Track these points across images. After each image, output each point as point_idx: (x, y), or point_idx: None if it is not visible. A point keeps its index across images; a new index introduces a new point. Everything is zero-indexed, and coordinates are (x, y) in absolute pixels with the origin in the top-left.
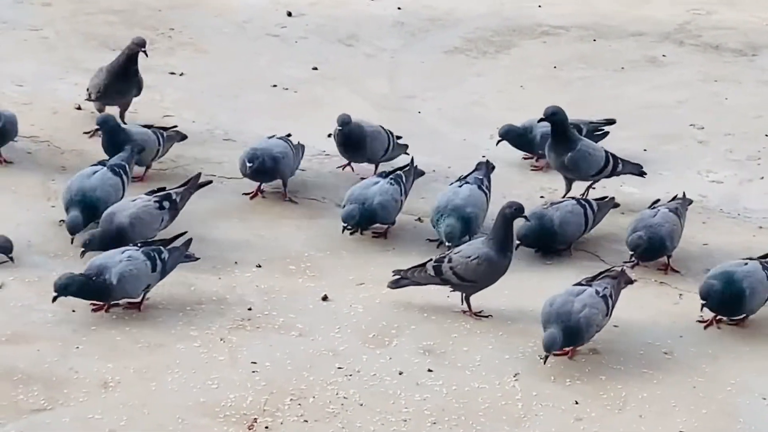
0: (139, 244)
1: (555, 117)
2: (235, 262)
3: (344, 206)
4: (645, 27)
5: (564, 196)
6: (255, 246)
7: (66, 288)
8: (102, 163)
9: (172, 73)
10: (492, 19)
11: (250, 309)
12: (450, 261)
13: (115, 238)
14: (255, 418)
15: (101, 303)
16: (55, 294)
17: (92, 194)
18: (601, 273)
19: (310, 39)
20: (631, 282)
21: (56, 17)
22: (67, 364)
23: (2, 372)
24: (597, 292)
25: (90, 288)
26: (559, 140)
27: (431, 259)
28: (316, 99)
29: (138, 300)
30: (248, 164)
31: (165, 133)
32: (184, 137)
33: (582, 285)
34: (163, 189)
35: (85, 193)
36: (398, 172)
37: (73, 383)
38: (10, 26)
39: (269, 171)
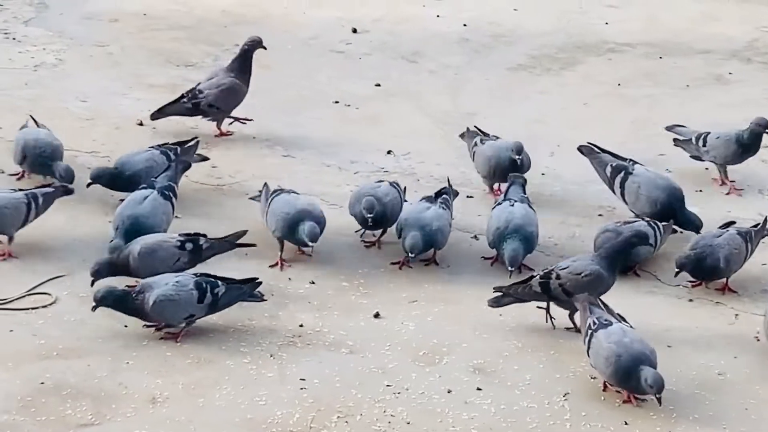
0: (198, 274)
1: None
2: (289, 278)
3: (401, 232)
4: (713, 44)
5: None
6: (309, 262)
7: (102, 300)
8: (151, 185)
9: None
10: (557, 36)
11: (301, 325)
12: (558, 278)
13: (122, 266)
14: None
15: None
16: (93, 305)
17: (145, 221)
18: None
19: (374, 55)
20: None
21: (123, 33)
22: (116, 379)
23: (52, 386)
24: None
25: (127, 305)
26: None
27: (532, 276)
28: (378, 116)
29: (177, 330)
30: (368, 215)
31: (179, 149)
32: (205, 158)
33: (604, 323)
34: (203, 236)
35: (138, 220)
36: (444, 195)
37: (121, 398)
38: (77, 42)
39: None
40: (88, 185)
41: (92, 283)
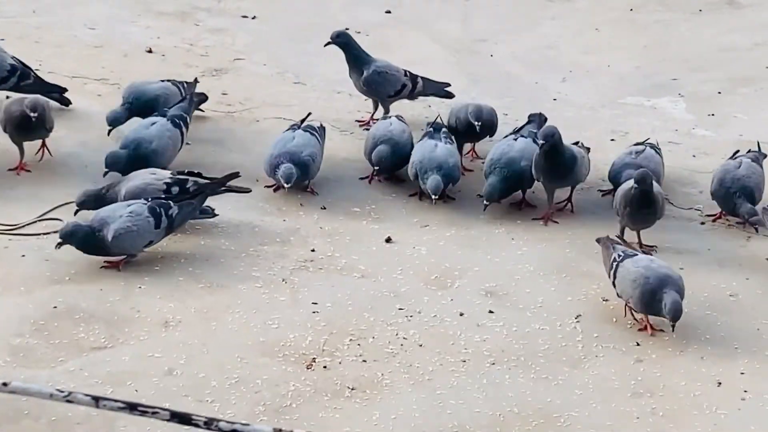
0: (148, 198)
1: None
2: (300, 204)
3: (417, 174)
4: None
5: None
6: (320, 188)
7: (71, 236)
8: (163, 113)
9: (245, 17)
10: None
11: (313, 250)
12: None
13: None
14: (314, 358)
15: (112, 261)
16: (59, 241)
17: (147, 146)
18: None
19: None
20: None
21: None
22: (128, 304)
23: (65, 310)
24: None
25: (92, 242)
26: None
27: None
28: (388, 42)
29: (119, 259)
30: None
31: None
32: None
33: (630, 254)
34: (198, 174)
35: (140, 143)
36: (444, 129)
37: (134, 322)
38: None
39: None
40: (109, 132)
41: (75, 212)
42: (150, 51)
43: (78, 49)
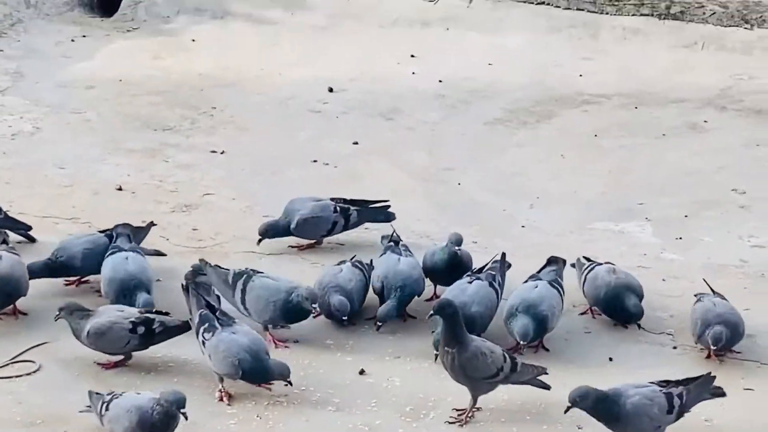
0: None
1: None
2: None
3: (381, 285)
4: (687, 93)
5: None
6: None
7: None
8: (116, 248)
9: (213, 152)
10: (533, 90)
11: (286, 385)
12: None
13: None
14: None
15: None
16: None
17: (141, 277)
18: None
19: (351, 114)
20: None
21: (99, 99)
22: None
23: None
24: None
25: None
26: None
27: None
28: (356, 173)
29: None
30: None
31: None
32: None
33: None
34: (166, 314)
35: (136, 276)
36: (402, 243)
37: None
38: (53, 110)
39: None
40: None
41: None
42: (120, 189)
43: (48, 189)
